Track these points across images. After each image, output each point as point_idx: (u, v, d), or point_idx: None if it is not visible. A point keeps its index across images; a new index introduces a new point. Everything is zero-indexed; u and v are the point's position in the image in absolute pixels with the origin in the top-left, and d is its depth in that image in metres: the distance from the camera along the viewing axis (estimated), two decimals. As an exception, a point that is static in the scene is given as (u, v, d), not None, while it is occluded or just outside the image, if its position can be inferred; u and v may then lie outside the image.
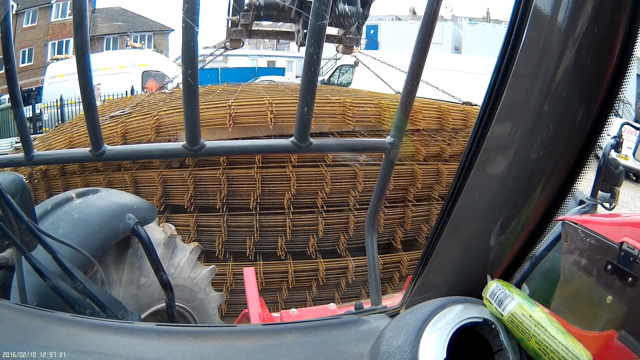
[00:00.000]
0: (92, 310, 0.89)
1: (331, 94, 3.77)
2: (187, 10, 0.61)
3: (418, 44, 0.70)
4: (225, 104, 3.13)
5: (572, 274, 0.74)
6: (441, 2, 0.67)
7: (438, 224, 0.73)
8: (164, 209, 3.32)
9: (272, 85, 6.07)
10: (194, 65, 0.65)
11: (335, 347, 0.68)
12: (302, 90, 0.69)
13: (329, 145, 1.12)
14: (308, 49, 0.65)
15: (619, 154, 2.01)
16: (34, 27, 16.97)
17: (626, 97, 9.74)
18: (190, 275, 1.73)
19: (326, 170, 3.22)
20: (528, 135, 0.59)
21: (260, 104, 3.19)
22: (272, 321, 1.97)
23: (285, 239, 3.28)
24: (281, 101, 3.25)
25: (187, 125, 0.70)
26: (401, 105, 0.77)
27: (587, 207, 1.89)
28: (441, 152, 3.71)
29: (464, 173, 0.68)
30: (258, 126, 3.16)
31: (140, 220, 1.34)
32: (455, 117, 3.75)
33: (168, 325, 0.70)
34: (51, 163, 3.12)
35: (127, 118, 3.39)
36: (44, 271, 0.85)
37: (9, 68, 0.75)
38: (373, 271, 0.93)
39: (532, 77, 0.57)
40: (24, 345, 0.59)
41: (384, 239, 3.55)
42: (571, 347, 0.55)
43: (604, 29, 0.53)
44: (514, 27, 0.58)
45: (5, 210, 0.82)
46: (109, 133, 3.24)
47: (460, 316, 0.62)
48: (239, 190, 3.22)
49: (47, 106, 10.91)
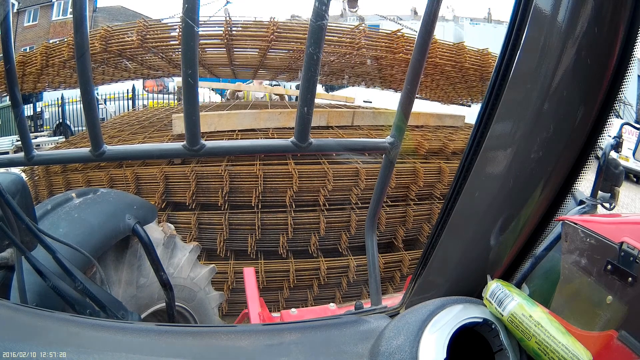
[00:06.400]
0: (92, 310, 0.89)
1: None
2: (187, 10, 0.61)
3: (418, 44, 0.70)
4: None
5: (572, 274, 0.74)
6: (441, 2, 0.66)
7: (438, 224, 0.73)
8: (165, 205, 3.33)
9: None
10: (194, 65, 0.65)
11: (335, 347, 0.68)
12: (302, 90, 0.69)
13: (329, 145, 1.12)
14: (308, 48, 0.65)
15: (619, 154, 2.01)
16: (35, 25, 16.95)
17: (627, 98, 9.72)
18: (190, 275, 1.73)
19: (328, 167, 3.22)
20: (528, 135, 0.59)
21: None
22: (272, 321, 1.97)
23: (286, 237, 3.28)
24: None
25: (187, 125, 0.70)
26: (401, 105, 0.77)
27: (587, 207, 1.89)
28: (443, 147, 3.72)
29: (464, 173, 0.67)
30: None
31: (140, 220, 1.34)
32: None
33: (168, 325, 0.70)
34: (51, 163, 3.11)
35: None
36: (44, 271, 0.85)
37: (9, 68, 0.75)
38: (373, 271, 0.93)
39: (532, 77, 0.57)
40: (24, 345, 0.59)
41: (385, 238, 3.55)
42: (571, 347, 0.55)
43: (604, 29, 0.53)
44: (514, 27, 0.58)
45: (5, 210, 0.82)
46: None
47: (460, 316, 0.62)
48: (241, 187, 3.22)
49: (48, 104, 10.91)
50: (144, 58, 4.17)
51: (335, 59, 3.85)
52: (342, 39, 3.61)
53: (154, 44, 3.65)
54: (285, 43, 3.67)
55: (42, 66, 3.96)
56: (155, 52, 3.80)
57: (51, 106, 10.86)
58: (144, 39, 3.57)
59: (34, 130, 10.44)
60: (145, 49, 3.67)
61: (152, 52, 3.72)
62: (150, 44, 3.63)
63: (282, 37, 3.59)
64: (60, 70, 4.13)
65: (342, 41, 3.61)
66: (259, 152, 1.53)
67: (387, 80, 4.88)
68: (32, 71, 4.07)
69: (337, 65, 4.29)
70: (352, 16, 7.17)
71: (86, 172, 3.48)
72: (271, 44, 3.60)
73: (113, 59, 4.06)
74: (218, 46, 3.74)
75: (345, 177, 3.28)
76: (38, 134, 10.11)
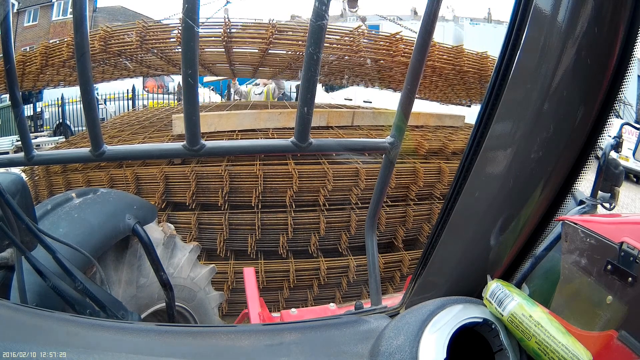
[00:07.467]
0: (92, 310, 0.89)
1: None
2: (187, 10, 0.61)
3: (418, 44, 0.70)
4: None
5: (572, 274, 0.74)
6: (441, 2, 0.66)
7: (438, 224, 0.73)
8: (165, 205, 3.33)
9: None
10: (194, 65, 0.65)
11: (335, 347, 0.68)
12: (302, 90, 0.69)
13: (329, 145, 1.12)
14: (308, 48, 0.65)
15: (619, 154, 2.01)
16: (35, 25, 16.95)
17: (627, 98, 9.72)
18: (190, 274, 1.73)
19: (328, 167, 3.22)
20: (528, 135, 0.59)
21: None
22: (272, 321, 1.97)
23: (286, 237, 3.28)
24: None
25: (187, 125, 0.70)
26: (401, 105, 0.77)
27: (587, 207, 1.89)
28: (443, 147, 3.72)
29: (464, 173, 0.67)
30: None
31: (140, 220, 1.34)
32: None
33: (168, 325, 0.70)
34: (51, 163, 3.11)
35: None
36: (44, 271, 0.85)
37: (9, 68, 0.75)
38: (373, 271, 0.93)
39: (532, 77, 0.57)
40: (24, 345, 0.59)
41: (385, 238, 3.55)
42: (571, 347, 0.55)
43: (604, 29, 0.53)
44: (514, 27, 0.58)
45: (5, 210, 0.82)
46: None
47: (460, 316, 0.62)
48: (241, 187, 3.22)
49: (48, 104, 10.90)
50: (143, 58, 4.17)
51: (335, 59, 3.86)
52: (342, 40, 3.61)
53: (153, 44, 3.65)
54: (286, 43, 3.67)
55: (42, 65, 3.96)
56: (155, 52, 3.80)
57: (51, 106, 10.85)
58: (144, 39, 3.57)
59: (34, 130, 10.43)
60: (145, 50, 3.67)
61: (151, 52, 3.72)
62: (149, 44, 3.63)
63: (281, 38, 3.59)
64: (60, 69, 4.14)
65: (342, 42, 3.61)
66: (259, 152, 1.53)
67: (385, 80, 4.88)
68: (32, 70, 4.07)
69: (337, 66, 4.29)
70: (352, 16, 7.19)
71: (86, 172, 3.48)
72: (270, 46, 3.60)
73: (113, 59, 4.06)
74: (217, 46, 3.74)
75: (345, 177, 3.28)
76: (38, 134, 10.10)
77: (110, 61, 4.12)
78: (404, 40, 3.65)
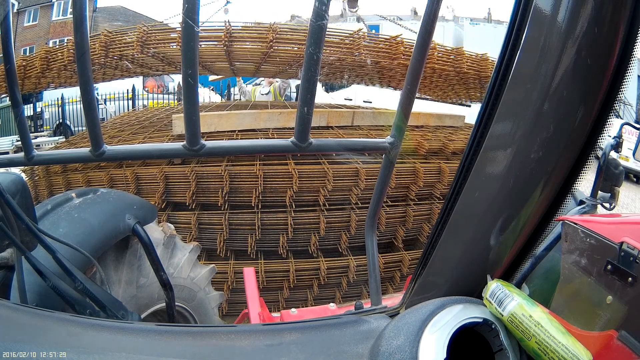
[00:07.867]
0: (92, 310, 0.89)
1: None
2: (187, 10, 0.61)
3: (418, 44, 0.70)
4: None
5: (572, 274, 0.74)
6: (441, 2, 0.66)
7: (438, 224, 0.73)
8: (165, 205, 3.33)
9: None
10: (194, 65, 0.65)
11: (335, 347, 0.68)
12: (302, 90, 0.69)
13: (329, 145, 1.12)
14: (308, 48, 0.65)
15: (619, 154, 2.01)
16: (35, 25, 16.95)
17: (627, 98, 9.72)
18: (190, 274, 1.73)
19: (328, 167, 3.22)
20: (528, 135, 0.59)
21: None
22: (272, 321, 1.97)
23: (286, 237, 3.28)
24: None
25: (187, 125, 0.70)
26: (401, 105, 0.77)
27: (587, 207, 1.89)
28: (443, 147, 3.72)
29: (464, 173, 0.67)
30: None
31: (140, 220, 1.34)
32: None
33: (168, 325, 0.70)
34: (51, 163, 3.12)
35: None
36: (44, 271, 0.85)
37: (9, 68, 0.75)
38: (373, 271, 0.93)
39: (532, 77, 0.57)
40: (24, 345, 0.59)
41: (385, 238, 3.55)
42: (571, 347, 0.55)
43: (604, 29, 0.53)
44: (514, 27, 0.58)
45: (5, 210, 0.82)
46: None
47: (460, 316, 0.62)
48: (241, 187, 3.22)
49: (48, 104, 10.91)
50: (145, 60, 4.16)
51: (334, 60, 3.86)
52: (342, 42, 3.61)
53: (154, 47, 3.65)
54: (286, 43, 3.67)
55: (43, 69, 3.96)
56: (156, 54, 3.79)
57: (51, 106, 10.85)
58: (144, 43, 3.57)
59: (34, 130, 10.43)
60: (146, 53, 3.67)
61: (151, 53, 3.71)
62: (150, 47, 3.62)
63: (281, 39, 3.59)
64: (60, 72, 4.14)
65: (342, 44, 3.61)
66: (259, 152, 1.53)
67: (386, 79, 4.87)
68: (33, 74, 4.07)
69: (337, 67, 4.29)
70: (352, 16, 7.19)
71: (86, 172, 3.47)
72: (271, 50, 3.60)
73: (114, 62, 4.06)
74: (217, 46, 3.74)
75: (345, 177, 3.28)
76: (38, 134, 10.10)
77: (111, 64, 4.12)
78: (404, 43, 3.65)
